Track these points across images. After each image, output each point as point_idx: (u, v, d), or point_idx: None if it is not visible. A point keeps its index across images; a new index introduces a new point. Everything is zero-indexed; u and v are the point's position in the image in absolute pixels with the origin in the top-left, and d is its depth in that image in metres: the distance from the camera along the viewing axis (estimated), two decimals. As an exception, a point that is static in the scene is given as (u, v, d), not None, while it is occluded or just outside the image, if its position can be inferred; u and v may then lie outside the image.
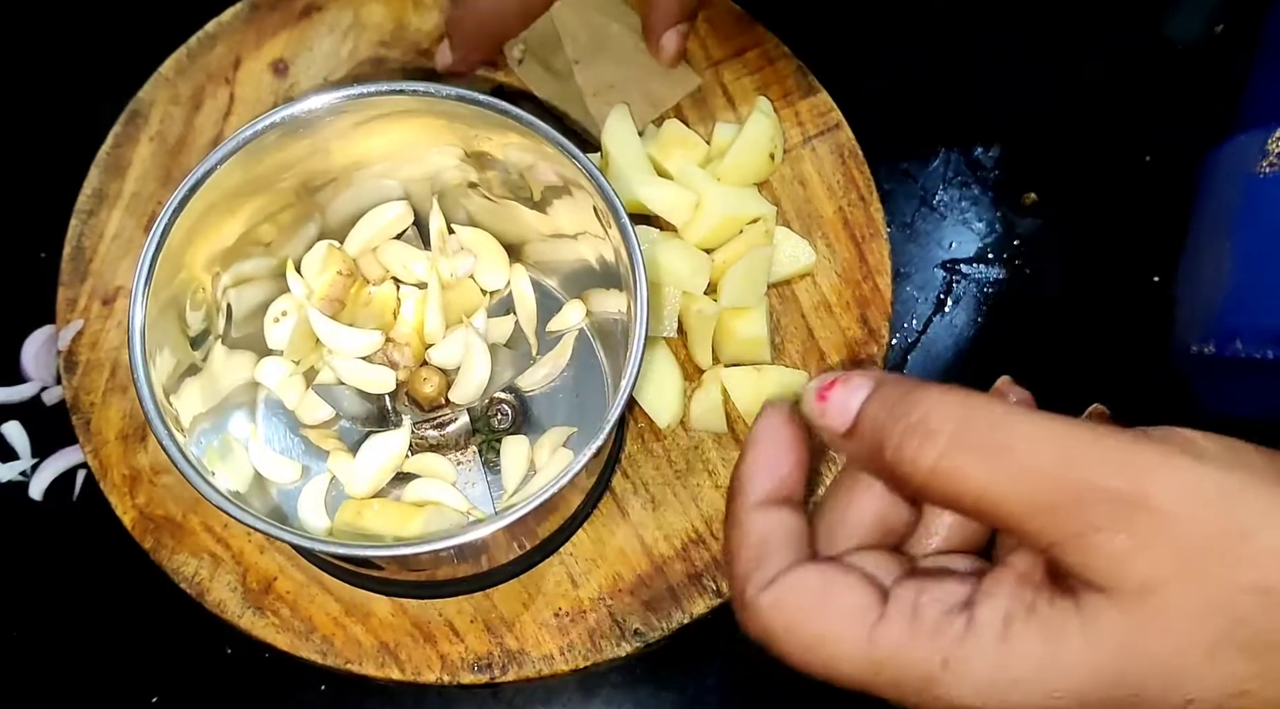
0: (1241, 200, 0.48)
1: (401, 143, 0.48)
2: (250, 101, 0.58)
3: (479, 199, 0.50)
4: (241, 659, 0.52)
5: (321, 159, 0.47)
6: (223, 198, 0.45)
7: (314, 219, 0.49)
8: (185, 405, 0.45)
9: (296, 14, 0.59)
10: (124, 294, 0.55)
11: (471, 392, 0.49)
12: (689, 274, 0.52)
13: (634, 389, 0.42)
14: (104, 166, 0.56)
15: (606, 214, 0.44)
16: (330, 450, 0.49)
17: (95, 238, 0.55)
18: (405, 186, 0.50)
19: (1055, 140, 0.61)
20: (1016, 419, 0.29)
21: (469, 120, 0.45)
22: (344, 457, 0.48)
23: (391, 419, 0.49)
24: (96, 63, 0.61)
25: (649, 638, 0.50)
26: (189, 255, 0.45)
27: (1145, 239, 0.58)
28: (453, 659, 0.50)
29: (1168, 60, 0.62)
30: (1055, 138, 0.61)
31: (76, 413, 0.53)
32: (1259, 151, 0.48)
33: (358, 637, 0.50)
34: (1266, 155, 0.47)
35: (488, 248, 0.51)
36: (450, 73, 0.56)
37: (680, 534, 0.51)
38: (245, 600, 0.50)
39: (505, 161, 0.47)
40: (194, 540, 0.51)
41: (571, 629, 0.50)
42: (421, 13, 0.59)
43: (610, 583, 0.51)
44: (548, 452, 0.49)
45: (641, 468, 0.52)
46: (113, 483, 0.52)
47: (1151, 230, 0.58)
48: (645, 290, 0.42)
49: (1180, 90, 0.60)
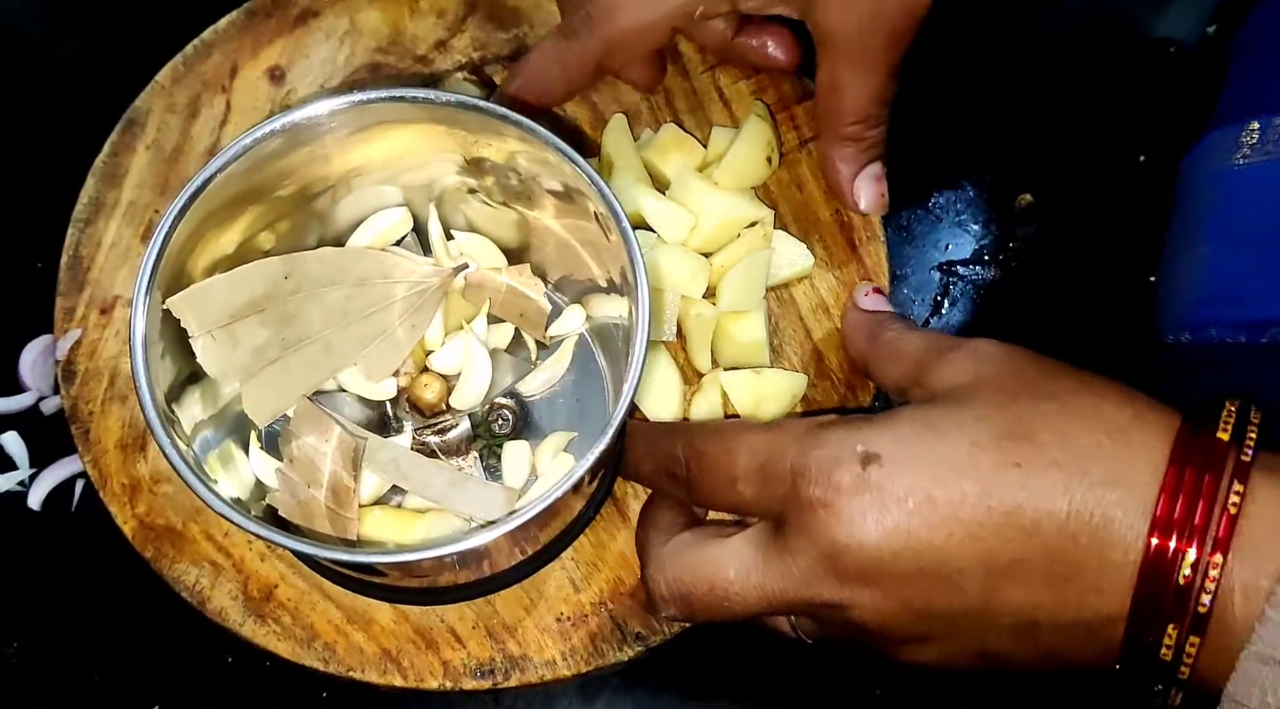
0: (1215, 194, 0.49)
1: (401, 149, 0.48)
2: (247, 109, 0.58)
3: (478, 204, 0.50)
4: (243, 668, 0.52)
5: (320, 166, 0.47)
6: (222, 206, 0.45)
7: (313, 226, 0.49)
8: (186, 413, 0.45)
9: (292, 21, 0.59)
10: (122, 303, 0.54)
11: (472, 397, 0.49)
12: (687, 278, 0.52)
13: (635, 394, 0.42)
14: (101, 175, 0.56)
15: (607, 219, 0.44)
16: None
17: (92, 247, 0.55)
18: (404, 193, 0.50)
19: (1050, 142, 0.61)
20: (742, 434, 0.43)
21: (468, 126, 0.46)
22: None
23: (393, 426, 0.49)
24: (92, 72, 0.61)
25: (650, 642, 0.50)
26: (189, 263, 0.45)
27: (1140, 240, 0.58)
28: (455, 665, 0.49)
29: (1160, 61, 0.62)
30: (1050, 139, 0.61)
31: (75, 422, 0.53)
32: (1233, 145, 0.48)
33: (360, 644, 0.50)
34: (1240, 148, 0.48)
35: (487, 253, 0.51)
36: (539, 104, 0.53)
37: (681, 538, 0.51)
38: (246, 609, 0.50)
39: (505, 167, 0.47)
40: (194, 549, 0.51)
41: (573, 634, 0.50)
42: (418, 19, 0.59)
43: (611, 587, 0.51)
44: (549, 456, 0.49)
45: (642, 472, 0.52)
46: (112, 492, 0.52)
47: (1146, 231, 0.58)
48: (647, 296, 0.42)
49: (1173, 91, 0.60)
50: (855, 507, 0.38)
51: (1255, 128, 0.48)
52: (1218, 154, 0.49)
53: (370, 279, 0.47)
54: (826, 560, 0.39)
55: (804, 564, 0.39)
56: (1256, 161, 0.47)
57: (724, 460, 0.42)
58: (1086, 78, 0.62)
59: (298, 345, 0.46)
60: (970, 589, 0.38)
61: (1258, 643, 0.35)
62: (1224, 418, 0.38)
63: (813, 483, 0.39)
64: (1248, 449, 0.37)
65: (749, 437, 0.42)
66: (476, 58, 0.59)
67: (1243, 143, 0.48)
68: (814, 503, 0.39)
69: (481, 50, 0.59)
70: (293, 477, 0.45)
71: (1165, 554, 0.36)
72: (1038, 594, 0.37)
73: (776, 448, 0.41)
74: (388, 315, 0.47)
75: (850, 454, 0.39)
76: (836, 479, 0.39)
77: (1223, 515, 0.35)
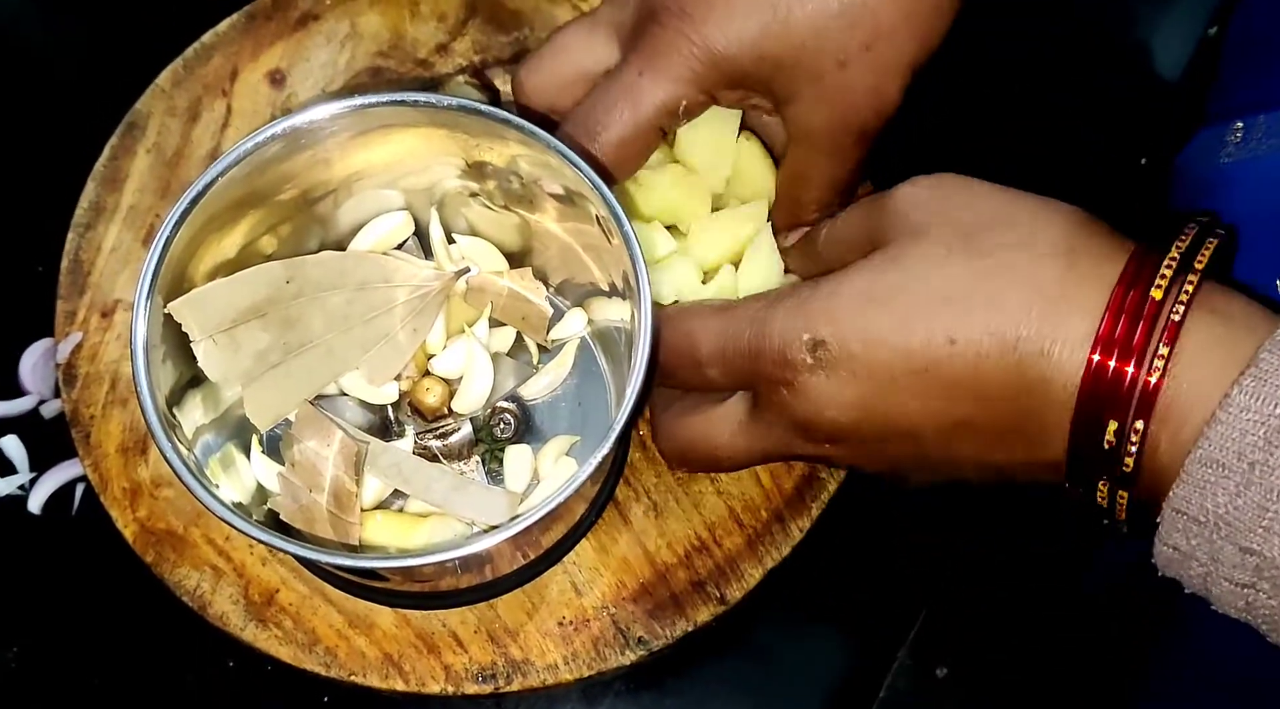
0: (1204, 191, 0.50)
1: (402, 153, 0.47)
2: (247, 113, 0.57)
3: (479, 208, 0.50)
4: (244, 672, 0.52)
5: (322, 170, 0.47)
6: (224, 210, 0.45)
7: (314, 230, 0.49)
8: (187, 417, 0.45)
9: (293, 24, 0.59)
10: (123, 307, 0.54)
11: (474, 401, 0.49)
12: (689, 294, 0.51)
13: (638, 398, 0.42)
14: (101, 179, 0.56)
15: (609, 222, 0.44)
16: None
17: (93, 251, 0.55)
18: (406, 197, 0.50)
19: (1050, 142, 0.61)
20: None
21: (470, 130, 0.45)
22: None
23: (394, 430, 0.49)
24: (92, 75, 0.61)
25: (653, 646, 0.50)
26: (190, 268, 0.45)
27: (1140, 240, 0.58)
28: (457, 670, 0.49)
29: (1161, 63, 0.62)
30: (1050, 139, 0.61)
31: (76, 426, 0.53)
32: (1220, 144, 0.49)
33: (361, 648, 0.50)
34: (1225, 146, 0.49)
35: (489, 257, 0.51)
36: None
37: (683, 541, 0.51)
38: (248, 613, 0.50)
39: (506, 170, 0.47)
40: (196, 553, 0.51)
41: (575, 638, 0.50)
42: (419, 22, 0.59)
43: (614, 591, 0.51)
44: (551, 460, 0.49)
45: (643, 475, 0.52)
46: (113, 496, 0.52)
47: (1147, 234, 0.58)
48: (649, 301, 0.42)
49: (1174, 93, 0.61)
50: (811, 386, 0.41)
51: (1240, 127, 0.49)
52: (1206, 152, 0.50)
53: (372, 283, 0.47)
54: (797, 428, 0.43)
55: (779, 431, 0.44)
56: (1242, 158, 0.48)
57: (685, 344, 0.45)
58: (1087, 78, 0.62)
59: (299, 350, 0.46)
60: (930, 443, 0.41)
61: (1204, 445, 0.35)
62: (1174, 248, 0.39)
63: (770, 364, 0.42)
64: (1191, 280, 0.37)
65: (707, 320, 0.45)
66: (477, 61, 0.59)
67: (1228, 141, 0.49)
68: (775, 382, 0.42)
69: (482, 54, 0.59)
70: (294, 481, 0.45)
71: (1106, 372, 0.37)
72: (990, 446, 0.41)
73: (734, 329, 0.43)
74: (389, 319, 0.47)
75: (797, 338, 0.41)
76: (791, 359, 0.41)
77: (1164, 332, 0.37)
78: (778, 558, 0.51)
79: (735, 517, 0.52)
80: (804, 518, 0.52)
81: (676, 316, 0.46)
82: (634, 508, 0.52)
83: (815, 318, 0.41)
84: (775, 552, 0.51)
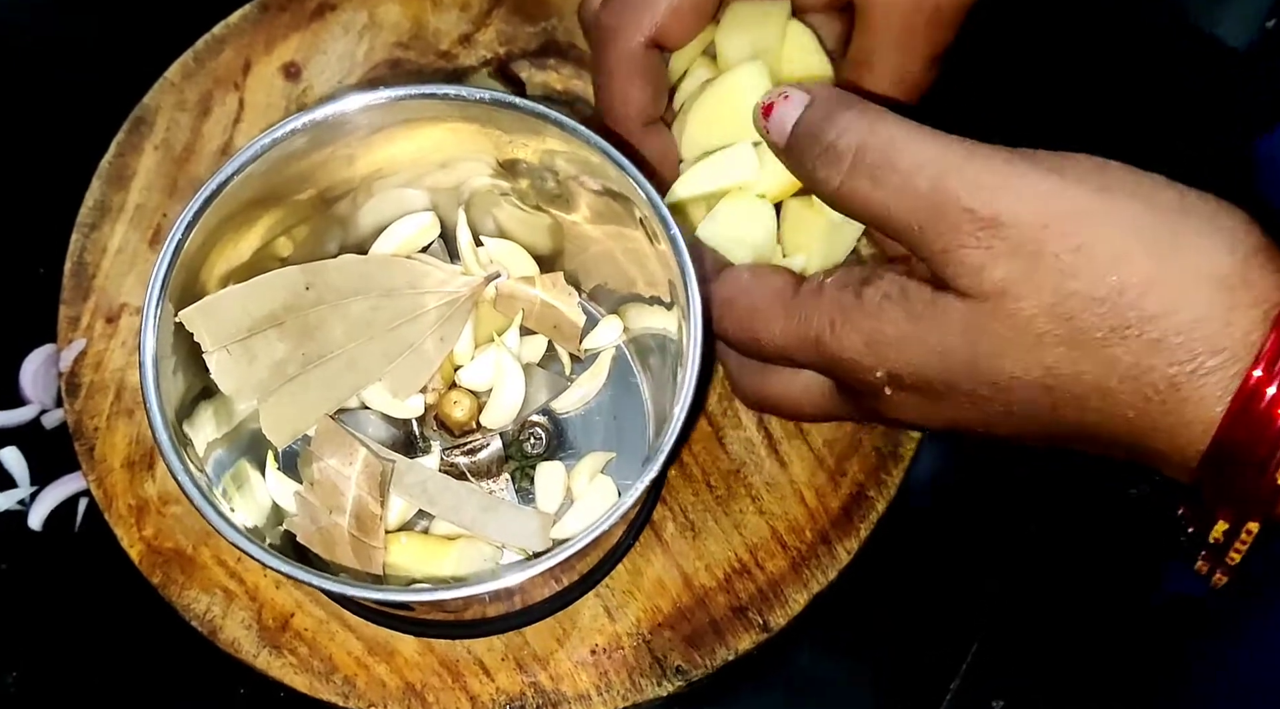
0: None
1: (428, 149, 0.45)
2: (261, 107, 0.56)
3: (510, 208, 0.48)
4: (256, 701, 0.50)
5: (343, 167, 0.45)
6: (238, 210, 0.43)
7: (334, 232, 0.47)
8: (198, 432, 0.43)
9: (309, 14, 0.57)
10: (129, 311, 0.53)
11: (504, 415, 0.47)
12: None
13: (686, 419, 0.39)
14: (106, 177, 0.55)
15: (653, 222, 0.41)
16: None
17: (98, 252, 0.54)
18: (431, 196, 0.48)
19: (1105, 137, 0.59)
20: (905, 142, 0.36)
21: (503, 125, 0.43)
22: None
23: (419, 446, 0.47)
24: (98, 68, 0.60)
25: (691, 676, 0.48)
26: (202, 272, 0.43)
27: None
28: (483, 700, 0.47)
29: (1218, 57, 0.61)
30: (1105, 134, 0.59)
31: (79, 438, 0.51)
32: None
33: (381, 677, 0.47)
34: None
35: (518, 261, 0.48)
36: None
37: (723, 564, 0.49)
38: (261, 639, 0.48)
39: (541, 168, 0.45)
40: (206, 575, 0.49)
41: (609, 667, 0.48)
42: (440, 12, 0.57)
43: (649, 616, 0.48)
44: (585, 479, 0.47)
45: (680, 493, 0.50)
46: (118, 513, 0.50)
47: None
48: (700, 309, 0.40)
49: (1231, 87, 0.59)
50: (896, 403, 0.39)
51: None
52: None
53: (398, 289, 0.45)
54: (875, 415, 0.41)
55: (866, 411, 0.41)
56: None
57: (748, 337, 0.42)
58: (1143, 74, 0.60)
59: (319, 360, 0.44)
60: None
61: None
62: None
63: (846, 377, 0.40)
64: None
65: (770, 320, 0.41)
66: (503, 53, 0.57)
67: None
68: (856, 392, 0.40)
69: (508, 45, 0.57)
70: (313, 501, 0.43)
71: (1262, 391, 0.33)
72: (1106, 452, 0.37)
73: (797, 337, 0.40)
74: (415, 328, 0.45)
75: (870, 374, 0.38)
76: (869, 382, 0.39)
77: None
78: (824, 582, 0.49)
79: (778, 537, 0.50)
80: (851, 539, 0.50)
81: (736, 298, 0.41)
82: (669, 527, 0.50)
83: (886, 355, 0.38)
84: (821, 575, 0.49)
